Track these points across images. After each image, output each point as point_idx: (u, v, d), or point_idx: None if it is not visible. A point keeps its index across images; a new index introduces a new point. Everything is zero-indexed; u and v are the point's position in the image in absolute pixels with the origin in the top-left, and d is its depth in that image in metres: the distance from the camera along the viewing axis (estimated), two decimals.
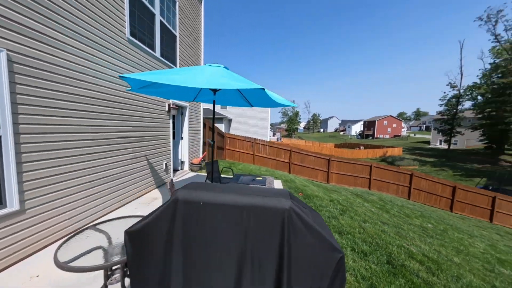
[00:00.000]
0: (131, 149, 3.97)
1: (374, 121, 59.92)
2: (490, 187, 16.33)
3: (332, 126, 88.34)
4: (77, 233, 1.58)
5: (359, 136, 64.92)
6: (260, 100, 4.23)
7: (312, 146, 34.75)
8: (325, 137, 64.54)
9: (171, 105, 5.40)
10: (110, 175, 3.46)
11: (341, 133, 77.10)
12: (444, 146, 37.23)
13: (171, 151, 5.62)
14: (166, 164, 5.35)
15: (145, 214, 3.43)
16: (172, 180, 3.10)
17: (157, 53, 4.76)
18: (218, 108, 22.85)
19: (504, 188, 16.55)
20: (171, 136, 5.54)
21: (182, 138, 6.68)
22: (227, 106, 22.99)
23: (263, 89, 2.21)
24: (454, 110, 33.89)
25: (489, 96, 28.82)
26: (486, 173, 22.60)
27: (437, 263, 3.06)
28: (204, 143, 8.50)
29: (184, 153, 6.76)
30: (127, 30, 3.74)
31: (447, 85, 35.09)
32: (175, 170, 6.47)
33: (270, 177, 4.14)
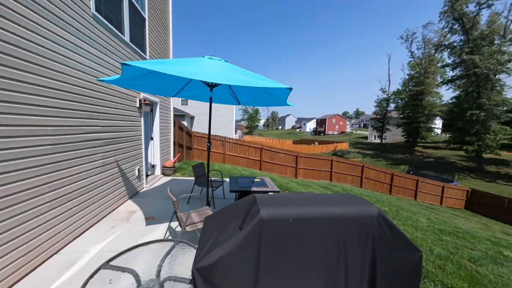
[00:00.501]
0: (100, 154, 3.21)
1: (325, 119, 67.04)
2: (411, 172, 20.64)
3: (289, 123, 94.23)
4: (91, 277, 1.15)
5: (313, 133, 71.48)
6: (253, 98, 4.07)
7: (273, 142, 36.22)
8: (284, 134, 68.36)
9: (142, 101, 4.62)
10: (77, 189, 2.70)
11: (298, 130, 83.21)
12: (377, 140, 44.89)
13: (143, 154, 4.84)
14: (138, 169, 4.57)
15: (126, 232, 2.88)
16: (169, 188, 2.65)
17: (126, 37, 3.96)
18: (178, 104, 21.07)
19: (420, 173, 21.17)
20: (143, 137, 4.76)
21: (152, 138, 5.84)
22: (189, 102, 21.48)
23: (291, 88, 2.10)
24: (385, 111, 41.19)
25: (407, 100, 36.21)
26: (407, 162, 28.48)
27: (413, 240, 3.65)
28: (174, 143, 7.68)
29: (155, 156, 5.94)
30: (91, 4, 2.95)
31: (380, 89, 42.36)
32: (146, 176, 5.61)
33: (266, 178, 4.06)
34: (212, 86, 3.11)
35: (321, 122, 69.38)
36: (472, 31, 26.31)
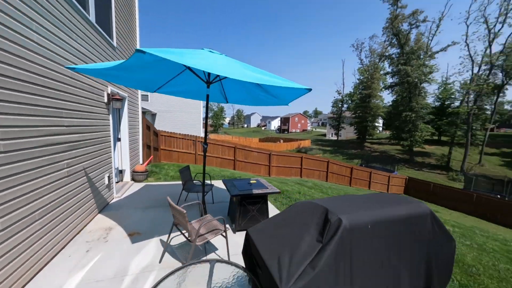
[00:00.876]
0: (66, 161, 2.55)
1: (289, 118, 70.56)
2: (363, 165, 23.70)
3: (254, 121, 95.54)
4: None
5: (277, 131, 74.35)
6: (246, 96, 3.89)
7: (239, 141, 36.16)
8: (249, 132, 69.01)
9: (111, 95, 3.90)
10: (39, 209, 2.08)
11: (263, 128, 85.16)
12: (334, 137, 49.85)
13: (113, 159, 4.11)
14: (108, 177, 3.85)
15: (109, 254, 2.50)
16: (168, 197, 2.29)
17: (92, 17, 3.25)
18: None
19: (369, 165, 24.52)
20: (112, 138, 4.02)
21: (119, 139, 5.01)
22: (149, 98, 19.40)
23: (310, 89, 2.06)
24: (340, 111, 45.97)
25: (358, 102, 41.29)
26: (359, 156, 32.55)
27: None
28: (143, 144, 6.80)
29: (123, 160, 5.12)
30: None
31: (336, 91, 46.95)
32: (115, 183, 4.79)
33: (261, 179, 3.96)
34: (209, 82, 2.83)
35: (285, 120, 72.76)
36: (405, 46, 31.66)
